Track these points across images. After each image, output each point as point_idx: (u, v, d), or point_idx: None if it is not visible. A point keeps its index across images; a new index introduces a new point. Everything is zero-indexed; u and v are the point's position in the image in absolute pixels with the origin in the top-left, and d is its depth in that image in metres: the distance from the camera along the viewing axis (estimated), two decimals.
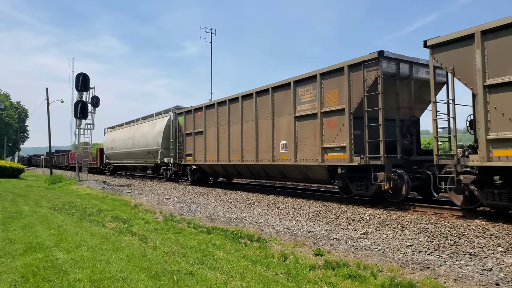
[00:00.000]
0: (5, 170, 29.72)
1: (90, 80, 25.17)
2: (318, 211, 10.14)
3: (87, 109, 25.06)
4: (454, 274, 5.18)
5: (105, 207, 11.87)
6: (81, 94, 25.14)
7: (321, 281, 4.85)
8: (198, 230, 8.12)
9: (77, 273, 5.08)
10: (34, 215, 10.06)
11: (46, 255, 5.97)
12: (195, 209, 11.89)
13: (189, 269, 5.24)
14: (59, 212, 10.90)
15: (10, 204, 12.63)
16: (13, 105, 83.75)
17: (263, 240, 7.16)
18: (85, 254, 6.02)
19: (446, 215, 8.77)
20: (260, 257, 5.98)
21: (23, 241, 6.95)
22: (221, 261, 5.70)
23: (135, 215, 10.36)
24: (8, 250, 6.28)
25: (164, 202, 13.60)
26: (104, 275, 4.96)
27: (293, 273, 5.12)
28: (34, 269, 5.22)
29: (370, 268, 5.38)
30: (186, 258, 5.83)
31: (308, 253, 6.27)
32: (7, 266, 5.37)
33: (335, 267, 5.43)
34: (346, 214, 9.52)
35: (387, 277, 4.98)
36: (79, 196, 16.08)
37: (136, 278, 4.86)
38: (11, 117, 78.50)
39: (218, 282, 4.77)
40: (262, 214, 10.78)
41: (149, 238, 7.24)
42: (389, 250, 6.63)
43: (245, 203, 12.69)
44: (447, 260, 5.92)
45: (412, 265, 5.69)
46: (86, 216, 10.07)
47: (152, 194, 16.73)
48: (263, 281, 4.80)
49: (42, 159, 64.65)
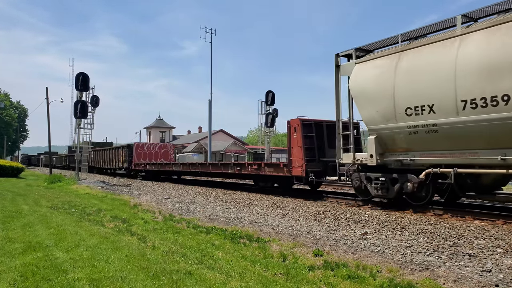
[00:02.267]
0: (5, 169, 29.71)
1: (90, 80, 25.20)
2: (317, 212, 10.14)
3: (86, 108, 25.05)
4: (454, 275, 5.19)
5: (104, 207, 11.87)
6: (81, 94, 25.13)
7: (320, 281, 4.85)
8: (197, 230, 8.12)
9: (76, 272, 5.08)
10: (33, 215, 10.06)
11: (46, 254, 5.97)
12: (194, 209, 11.90)
13: (188, 269, 5.24)
14: (59, 211, 10.90)
15: (10, 203, 12.62)
16: (13, 105, 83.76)
17: (262, 240, 7.17)
18: (84, 253, 6.02)
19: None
20: (259, 257, 5.99)
21: (22, 240, 6.94)
22: (220, 261, 5.70)
23: (134, 214, 10.36)
24: (8, 249, 6.28)
25: (163, 202, 13.60)
26: (103, 275, 4.96)
27: (292, 274, 5.12)
28: (34, 268, 5.22)
29: (369, 269, 5.38)
30: (185, 258, 5.83)
31: (307, 254, 6.27)
32: (6, 265, 5.37)
33: (334, 267, 5.43)
34: (345, 214, 9.53)
35: (386, 278, 4.98)
36: (79, 195, 16.08)
37: (135, 278, 4.86)
38: (11, 117, 78.50)
39: (217, 282, 4.77)
40: (261, 214, 10.78)
41: (148, 238, 7.24)
42: (388, 251, 6.63)
43: (244, 203, 12.69)
44: (447, 261, 5.92)
45: (411, 266, 5.70)
46: (86, 215, 10.07)
47: (152, 194, 16.74)
48: (262, 281, 4.80)
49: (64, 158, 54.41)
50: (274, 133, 34.80)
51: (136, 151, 27.22)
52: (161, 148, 28.94)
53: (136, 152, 27.16)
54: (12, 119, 78.44)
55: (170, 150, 29.46)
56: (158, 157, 28.08)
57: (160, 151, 28.57)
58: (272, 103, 30.58)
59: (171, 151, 29.69)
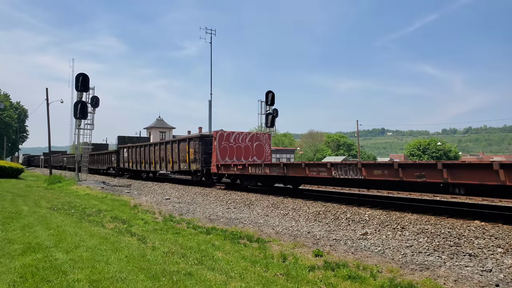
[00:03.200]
0: (5, 170, 29.70)
1: (90, 80, 25.20)
2: (318, 212, 10.13)
3: (86, 109, 25.05)
4: (454, 275, 5.18)
5: (104, 208, 11.86)
6: (81, 94, 25.13)
7: (321, 281, 4.84)
8: (198, 231, 8.11)
9: (76, 273, 5.07)
10: (33, 215, 10.04)
11: (45, 255, 5.96)
12: (194, 209, 11.88)
13: (188, 270, 5.23)
14: (59, 212, 10.89)
15: (9, 204, 12.61)
16: (13, 105, 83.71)
17: (262, 241, 7.16)
18: (84, 254, 6.01)
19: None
20: (259, 257, 5.98)
21: (22, 241, 6.93)
22: (221, 261, 5.69)
23: (134, 215, 10.35)
24: (7, 250, 6.26)
25: (163, 203, 13.59)
26: (103, 276, 4.95)
27: (292, 274, 5.11)
28: (33, 270, 5.21)
29: (370, 269, 5.37)
30: (185, 259, 5.82)
31: (307, 254, 6.27)
32: (6, 267, 5.36)
33: (334, 267, 5.42)
34: (345, 214, 9.52)
35: (387, 278, 4.98)
36: (79, 196, 16.06)
37: (135, 279, 4.85)
38: (11, 117, 78.47)
39: (217, 282, 4.76)
40: (262, 214, 10.77)
41: (149, 239, 7.23)
42: (388, 251, 6.62)
43: (245, 203, 12.68)
44: (447, 261, 5.91)
45: (411, 266, 5.69)
46: (86, 216, 10.06)
47: (152, 195, 16.72)
48: (262, 282, 4.79)
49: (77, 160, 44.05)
50: (274, 133, 34.79)
51: (220, 144, 17.46)
52: (253, 140, 18.76)
53: (220, 146, 17.45)
54: (12, 119, 78.42)
55: (266, 144, 19.16)
56: (250, 154, 18.47)
57: (253, 145, 18.66)
58: (272, 103, 30.56)
59: (267, 145, 19.28)
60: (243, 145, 18.27)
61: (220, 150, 17.45)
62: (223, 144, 17.63)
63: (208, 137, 18.71)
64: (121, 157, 29.39)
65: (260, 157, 18.76)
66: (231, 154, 17.79)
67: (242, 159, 17.94)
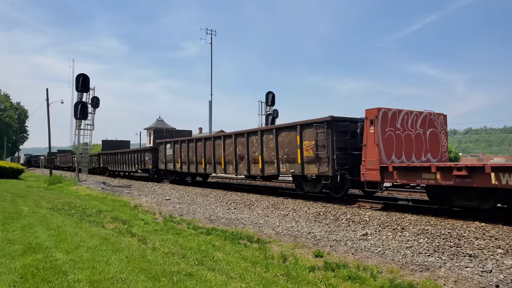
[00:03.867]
0: (5, 171, 29.70)
1: (90, 81, 25.23)
2: (318, 212, 10.13)
3: (87, 109, 25.10)
4: (454, 276, 5.18)
5: (104, 208, 11.86)
6: (81, 95, 25.16)
7: (321, 282, 4.84)
8: (198, 231, 8.11)
9: (76, 274, 5.07)
10: (33, 216, 10.05)
11: (46, 255, 5.96)
12: (194, 210, 11.89)
13: (189, 270, 5.24)
14: (59, 212, 10.89)
15: (10, 204, 12.61)
16: (13, 106, 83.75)
17: (262, 241, 7.16)
18: (84, 255, 6.01)
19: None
20: (259, 258, 5.98)
21: (22, 241, 6.93)
22: (221, 262, 5.70)
23: (134, 216, 10.35)
24: (8, 250, 6.27)
25: (163, 203, 13.59)
26: (103, 276, 4.95)
27: (292, 274, 5.11)
28: (34, 270, 5.21)
29: (370, 270, 5.37)
30: (185, 259, 5.82)
31: (307, 254, 6.27)
32: (6, 267, 5.36)
33: (334, 268, 5.42)
34: (345, 215, 9.52)
35: (387, 279, 4.98)
36: (79, 196, 16.07)
37: (136, 279, 4.86)
38: (11, 118, 78.49)
39: (217, 283, 4.76)
40: (262, 215, 10.77)
41: (149, 239, 7.23)
42: (388, 252, 6.62)
43: (245, 204, 12.68)
44: (447, 262, 5.91)
45: (411, 266, 5.69)
46: (86, 216, 10.06)
47: (152, 195, 16.73)
48: (262, 282, 4.79)
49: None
50: None
51: (384, 131, 10.38)
52: (426, 125, 11.50)
53: (384, 134, 10.37)
54: (12, 120, 78.44)
55: (441, 132, 11.91)
56: (422, 148, 11.29)
57: (425, 133, 11.45)
58: (272, 104, 30.60)
59: (443, 133, 11.97)
60: (413, 132, 11.11)
61: (384, 140, 10.32)
62: (388, 131, 10.50)
63: (346, 121, 11.83)
64: (161, 155, 22.90)
65: (435, 154, 11.62)
66: (398, 149, 10.65)
67: (413, 157, 10.95)
